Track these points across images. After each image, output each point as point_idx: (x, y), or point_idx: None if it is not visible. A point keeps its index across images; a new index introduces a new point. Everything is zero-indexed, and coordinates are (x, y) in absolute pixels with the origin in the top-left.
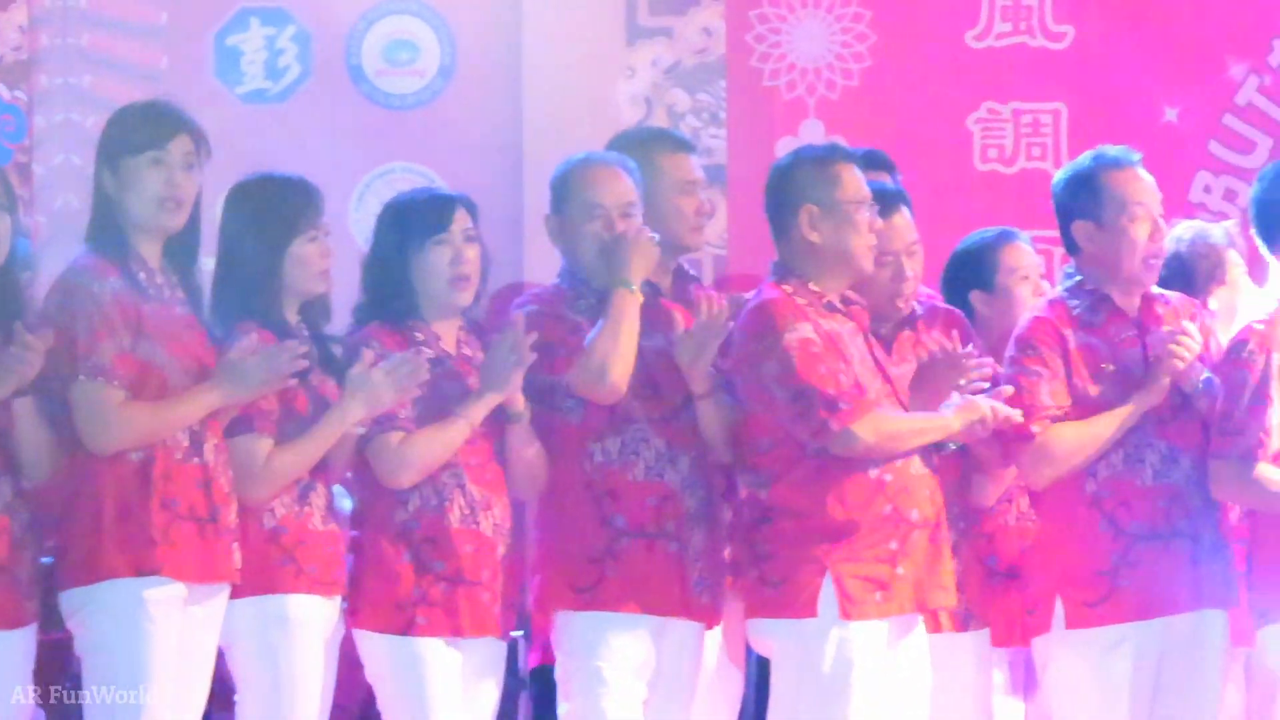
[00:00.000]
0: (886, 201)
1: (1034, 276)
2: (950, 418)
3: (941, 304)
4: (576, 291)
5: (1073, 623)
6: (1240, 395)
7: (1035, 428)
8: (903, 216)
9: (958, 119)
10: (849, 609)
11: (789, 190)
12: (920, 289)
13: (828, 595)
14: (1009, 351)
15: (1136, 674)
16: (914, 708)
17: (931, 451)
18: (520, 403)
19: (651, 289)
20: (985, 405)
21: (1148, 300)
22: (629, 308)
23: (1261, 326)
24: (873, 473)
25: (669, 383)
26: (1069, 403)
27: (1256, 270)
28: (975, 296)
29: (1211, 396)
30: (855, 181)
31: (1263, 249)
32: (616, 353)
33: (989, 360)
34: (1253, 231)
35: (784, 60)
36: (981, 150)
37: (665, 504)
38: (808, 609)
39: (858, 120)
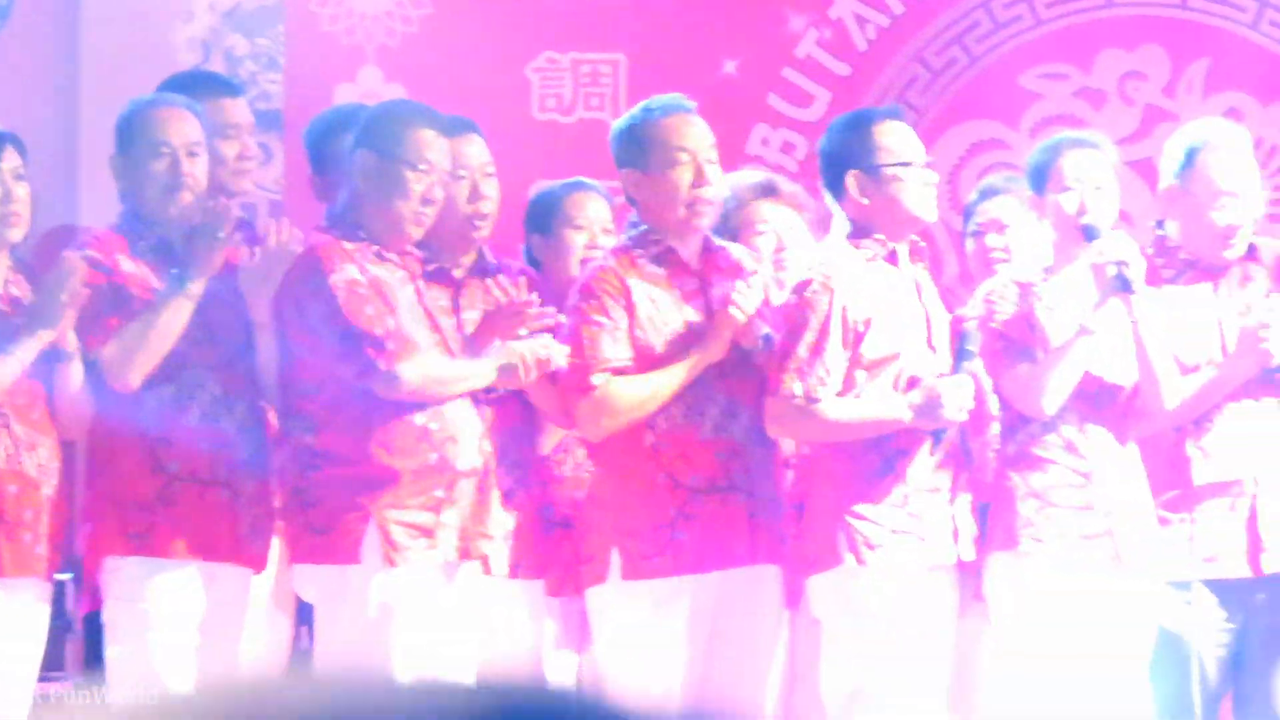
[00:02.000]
0: (459, 123)
1: (592, 229)
2: (488, 363)
3: (515, 262)
4: (137, 233)
5: (629, 574)
6: (802, 334)
7: (595, 380)
8: (475, 141)
9: (517, 68)
10: (392, 555)
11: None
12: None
13: (372, 542)
14: (571, 300)
15: (692, 627)
16: (464, 651)
17: (481, 398)
18: (72, 343)
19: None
20: (523, 349)
21: (709, 251)
22: (178, 309)
23: (825, 270)
24: (418, 419)
25: (226, 329)
26: (631, 354)
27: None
28: (533, 241)
29: (770, 351)
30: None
31: (827, 197)
32: (144, 351)
33: (551, 309)
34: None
35: (343, 5)
36: (540, 100)
37: (220, 450)
38: (351, 556)
39: (416, 68)
